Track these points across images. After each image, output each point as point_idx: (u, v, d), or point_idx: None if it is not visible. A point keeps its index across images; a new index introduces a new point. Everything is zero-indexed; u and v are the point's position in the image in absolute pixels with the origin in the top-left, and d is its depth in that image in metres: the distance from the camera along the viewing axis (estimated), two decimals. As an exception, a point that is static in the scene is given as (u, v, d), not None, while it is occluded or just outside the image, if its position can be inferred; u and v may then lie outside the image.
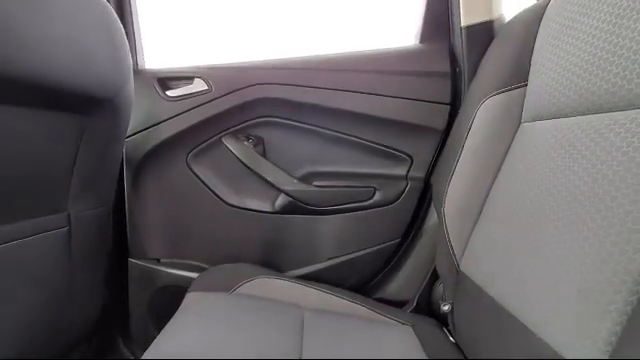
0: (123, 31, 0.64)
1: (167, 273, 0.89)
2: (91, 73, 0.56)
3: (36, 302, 0.60)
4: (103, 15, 0.59)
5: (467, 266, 0.61)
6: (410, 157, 0.86)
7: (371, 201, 0.86)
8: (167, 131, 0.86)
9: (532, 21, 0.63)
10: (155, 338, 0.54)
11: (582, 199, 0.41)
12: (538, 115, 0.57)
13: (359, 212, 0.86)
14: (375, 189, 0.86)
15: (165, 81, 0.87)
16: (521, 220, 0.51)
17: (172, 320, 0.59)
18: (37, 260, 0.59)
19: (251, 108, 0.87)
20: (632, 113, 0.39)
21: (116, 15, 0.63)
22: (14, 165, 0.51)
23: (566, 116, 0.51)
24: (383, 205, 0.85)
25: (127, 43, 0.65)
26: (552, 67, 0.55)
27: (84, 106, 0.57)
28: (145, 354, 0.50)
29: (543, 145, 0.53)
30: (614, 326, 0.33)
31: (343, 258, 0.86)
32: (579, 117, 0.48)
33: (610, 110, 0.43)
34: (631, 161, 0.37)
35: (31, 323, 0.59)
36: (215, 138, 0.88)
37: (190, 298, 0.66)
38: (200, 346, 0.51)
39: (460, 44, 0.82)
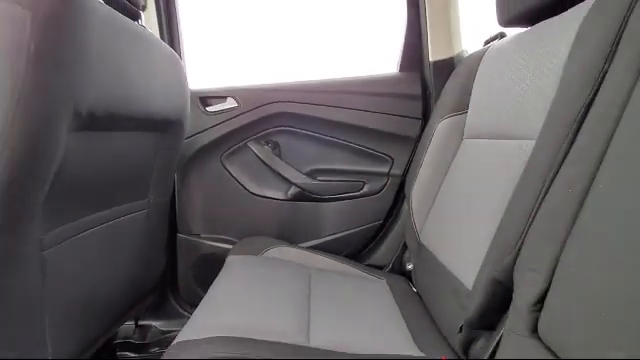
0: (185, 69, 0.90)
1: (206, 245, 1.17)
2: (169, 103, 0.82)
3: (128, 262, 0.87)
4: (173, 59, 0.86)
5: (424, 238, 0.89)
6: (391, 158, 1.14)
7: (361, 192, 1.14)
8: (206, 138, 1.13)
9: (474, 63, 0.88)
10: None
11: (486, 196, 0.68)
12: (473, 135, 0.84)
13: (352, 200, 1.14)
14: (364, 183, 1.14)
15: (205, 99, 1.14)
16: (457, 207, 0.78)
17: (222, 271, 0.87)
18: (129, 232, 0.86)
19: (270, 120, 1.14)
20: (524, 142, 0.63)
21: (179, 57, 0.90)
22: (121, 169, 0.78)
23: (486, 138, 0.77)
24: (370, 195, 1.13)
25: (187, 76, 0.92)
26: (482, 99, 0.81)
27: (162, 126, 0.84)
28: (209, 291, 0.78)
29: (473, 156, 0.80)
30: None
31: (339, 234, 1.14)
32: (493, 140, 0.75)
33: (512, 138, 0.67)
34: (507, 176, 0.61)
35: (126, 276, 0.87)
36: (242, 143, 1.15)
37: (231, 259, 0.94)
38: (244, 286, 0.79)
39: (429, 74, 1.08)
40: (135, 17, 0.73)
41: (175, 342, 0.60)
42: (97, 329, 0.75)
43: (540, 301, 0.42)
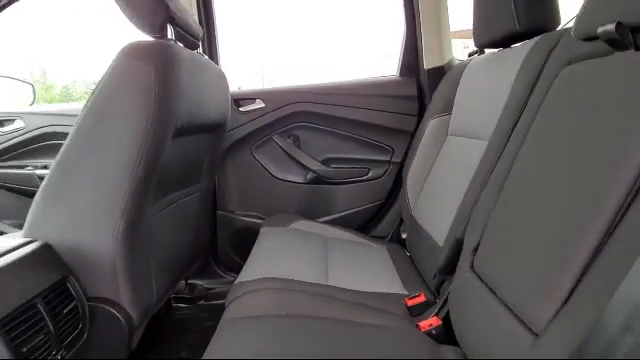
0: (227, 80, 1.14)
1: (239, 220, 1.44)
2: (218, 110, 1.07)
3: (188, 232, 1.14)
4: (220, 75, 1.10)
5: (414, 213, 1.13)
6: (392, 149, 1.37)
7: (366, 176, 1.38)
8: (240, 133, 1.37)
9: (458, 73, 1.10)
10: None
11: (458, 181, 0.92)
12: (454, 133, 1.07)
13: (359, 183, 1.38)
14: (369, 169, 1.38)
15: (238, 101, 1.38)
16: (438, 189, 1.03)
17: (258, 239, 1.13)
18: (188, 210, 1.12)
19: (291, 118, 1.38)
20: (484, 143, 0.86)
21: (223, 73, 1.13)
22: (186, 162, 1.03)
23: (463, 136, 1.01)
24: (374, 179, 1.38)
25: (228, 86, 1.15)
26: (462, 104, 1.04)
27: (213, 128, 1.09)
28: (252, 253, 1.05)
29: (453, 150, 1.03)
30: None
31: (349, 211, 1.39)
32: (467, 138, 0.98)
33: (479, 138, 0.90)
34: (473, 167, 0.85)
35: (187, 242, 1.14)
36: (268, 137, 1.40)
37: (264, 230, 1.20)
38: (277, 249, 1.05)
39: (424, 79, 1.30)
40: (195, 46, 0.97)
41: (235, 283, 0.87)
42: (172, 279, 1.03)
43: (476, 248, 0.67)
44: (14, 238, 0.66)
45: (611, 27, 0.47)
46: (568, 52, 0.60)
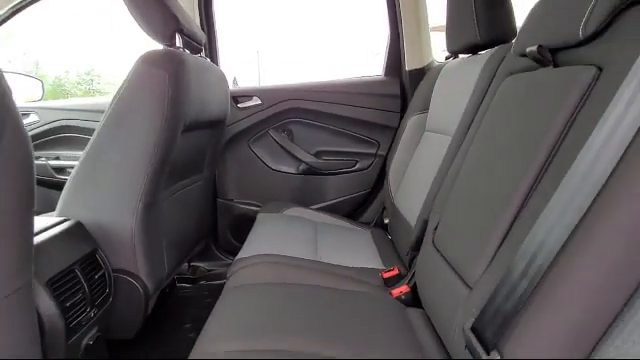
0: (227, 80, 1.26)
1: (238, 207, 1.57)
2: (219, 108, 1.19)
3: (192, 217, 1.27)
4: (221, 76, 1.21)
5: (395, 200, 1.27)
6: (378, 142, 1.50)
7: (354, 168, 1.51)
8: (238, 127, 1.49)
9: (435, 75, 1.23)
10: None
11: (429, 173, 1.05)
12: (430, 129, 1.20)
13: (347, 174, 1.52)
14: (357, 161, 1.51)
15: (236, 98, 1.50)
16: (415, 179, 1.16)
17: (256, 223, 1.27)
18: (192, 197, 1.25)
19: (285, 113, 1.50)
20: (445, 137, 1.01)
21: (223, 73, 1.25)
22: (190, 154, 1.15)
23: (437, 133, 1.14)
24: (361, 170, 1.51)
25: (228, 86, 1.27)
26: (436, 104, 1.17)
27: (214, 124, 1.21)
28: (249, 235, 1.18)
29: (428, 145, 1.16)
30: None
31: (339, 199, 1.53)
32: (439, 134, 1.11)
33: (448, 134, 1.04)
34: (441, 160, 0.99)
35: (191, 226, 1.27)
36: (264, 131, 1.52)
37: (261, 216, 1.33)
38: (273, 231, 1.18)
39: (406, 79, 1.42)
40: (198, 51, 1.08)
41: (236, 259, 1.00)
42: (179, 256, 1.16)
43: (436, 227, 0.80)
44: (50, 217, 0.79)
45: (534, 48, 0.60)
46: (510, 65, 0.73)
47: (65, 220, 0.76)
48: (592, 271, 0.41)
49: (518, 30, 0.88)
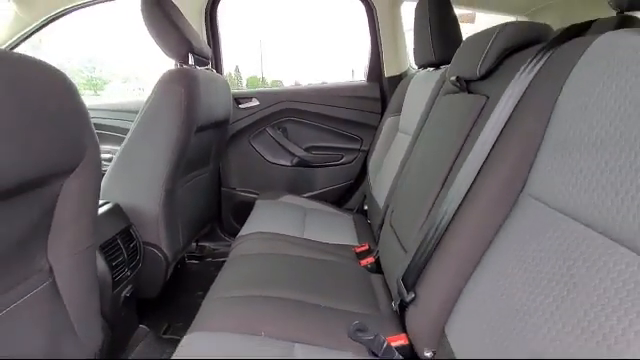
0: (229, 87, 1.48)
1: (239, 195, 1.80)
2: (224, 110, 1.41)
3: (200, 202, 1.50)
4: (225, 83, 1.43)
5: (373, 189, 1.50)
6: (361, 139, 1.72)
7: (340, 161, 1.74)
8: (239, 125, 1.72)
9: (408, 81, 1.45)
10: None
11: (396, 166, 1.28)
12: (401, 130, 1.42)
13: (334, 167, 1.74)
14: (342, 155, 1.74)
15: (238, 99, 1.71)
16: (387, 171, 1.38)
17: (254, 209, 1.50)
18: (201, 185, 1.48)
19: (280, 113, 1.72)
20: (405, 136, 1.23)
21: (226, 80, 1.47)
22: (199, 149, 1.38)
23: (406, 134, 1.36)
24: (346, 164, 1.73)
25: (230, 91, 1.49)
26: (406, 108, 1.38)
27: (220, 124, 1.43)
28: (249, 218, 1.41)
29: (399, 144, 1.38)
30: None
31: (326, 188, 1.76)
32: (406, 135, 1.33)
33: (407, 134, 1.27)
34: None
35: (201, 209, 1.50)
36: (262, 128, 1.74)
37: (259, 202, 1.56)
38: (269, 215, 1.42)
39: (385, 84, 1.64)
40: (206, 64, 1.30)
41: (237, 236, 1.23)
42: (191, 234, 1.40)
43: (393, 211, 1.03)
44: (93, 201, 1.02)
45: (454, 78, 0.82)
46: (447, 86, 0.95)
47: (107, 202, 1.00)
48: (472, 227, 0.63)
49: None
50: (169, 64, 1.18)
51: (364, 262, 1.12)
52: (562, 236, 0.46)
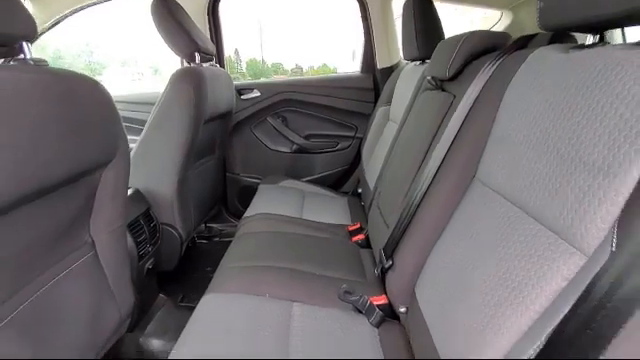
0: (232, 81, 1.59)
1: (243, 180, 1.94)
2: (228, 102, 1.53)
3: (208, 187, 1.64)
4: (228, 76, 1.55)
5: (366, 174, 1.63)
6: (356, 127, 1.85)
7: (336, 148, 1.87)
8: (242, 115, 1.84)
9: (398, 73, 1.56)
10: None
11: (384, 152, 1.41)
12: (391, 120, 1.54)
13: (331, 153, 1.87)
14: (338, 142, 1.86)
15: (240, 90, 1.83)
16: (378, 158, 1.51)
17: (257, 193, 1.64)
18: (209, 172, 1.62)
19: (280, 103, 1.84)
20: (394, 124, 1.36)
21: (229, 74, 1.58)
22: (207, 139, 1.51)
23: (392, 121, 1.48)
24: (341, 150, 1.86)
25: (233, 84, 1.61)
26: (396, 98, 1.50)
27: (224, 115, 1.56)
28: (253, 201, 1.55)
29: (389, 132, 1.51)
30: None
31: (324, 173, 1.89)
32: (395, 124, 1.45)
33: (396, 122, 1.39)
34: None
35: (209, 193, 1.65)
36: (263, 118, 1.86)
37: (261, 187, 1.70)
38: (271, 198, 1.56)
39: (378, 75, 1.74)
40: (210, 60, 1.41)
41: (243, 217, 1.38)
42: (200, 216, 1.55)
43: (380, 193, 1.17)
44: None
45: (430, 78, 0.94)
46: (425, 83, 1.07)
47: (129, 188, 1.14)
48: (437, 206, 0.76)
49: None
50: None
51: (355, 239, 1.26)
52: (498, 213, 0.59)
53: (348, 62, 2.16)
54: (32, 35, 0.58)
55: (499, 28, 1.61)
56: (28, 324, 0.64)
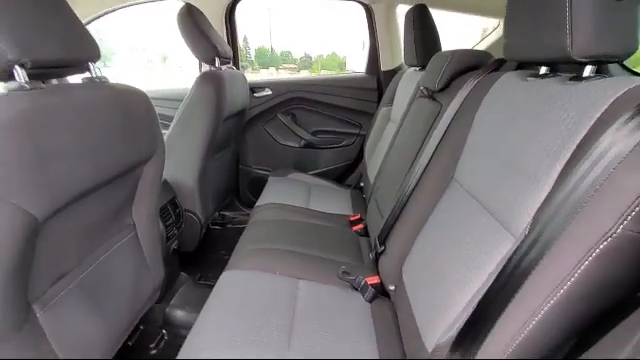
0: (247, 81, 1.73)
1: (255, 172, 2.09)
2: (242, 101, 1.68)
3: (224, 178, 1.80)
4: (242, 77, 1.69)
5: (368, 170, 1.77)
6: (360, 125, 1.98)
7: (341, 144, 2.00)
8: (254, 112, 1.98)
9: (400, 76, 1.68)
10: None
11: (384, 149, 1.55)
12: (392, 120, 1.67)
13: (336, 148, 2.01)
14: (343, 139, 2.00)
15: (252, 89, 1.97)
16: (378, 154, 1.65)
17: (267, 185, 1.79)
18: (224, 164, 1.77)
19: (290, 101, 1.97)
20: (394, 124, 1.50)
21: (244, 75, 1.72)
22: (224, 135, 1.66)
23: (392, 122, 1.61)
24: (347, 146, 2.00)
25: (248, 84, 1.75)
26: (397, 100, 1.63)
27: (239, 113, 1.71)
28: (263, 192, 1.71)
29: (389, 131, 1.64)
30: None
31: (329, 167, 2.04)
32: (392, 122, 1.59)
33: (395, 123, 1.53)
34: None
35: (224, 183, 1.80)
36: (274, 115, 2.01)
37: (271, 179, 1.85)
38: (280, 189, 1.71)
39: (382, 77, 1.87)
40: (228, 62, 1.55)
41: (255, 206, 1.53)
42: (216, 204, 1.71)
43: (378, 187, 1.31)
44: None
45: (423, 88, 1.07)
46: (419, 91, 1.20)
47: (157, 179, 1.31)
48: (423, 200, 0.91)
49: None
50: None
51: (355, 228, 1.41)
52: (464, 208, 0.73)
53: (358, 51, 2.24)
54: (97, 58, 0.73)
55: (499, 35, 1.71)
56: (89, 288, 0.80)
